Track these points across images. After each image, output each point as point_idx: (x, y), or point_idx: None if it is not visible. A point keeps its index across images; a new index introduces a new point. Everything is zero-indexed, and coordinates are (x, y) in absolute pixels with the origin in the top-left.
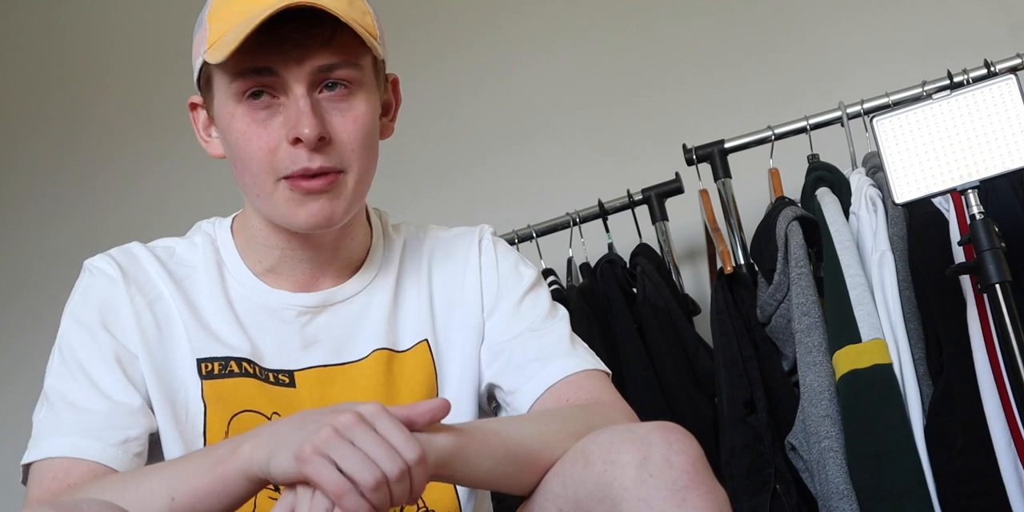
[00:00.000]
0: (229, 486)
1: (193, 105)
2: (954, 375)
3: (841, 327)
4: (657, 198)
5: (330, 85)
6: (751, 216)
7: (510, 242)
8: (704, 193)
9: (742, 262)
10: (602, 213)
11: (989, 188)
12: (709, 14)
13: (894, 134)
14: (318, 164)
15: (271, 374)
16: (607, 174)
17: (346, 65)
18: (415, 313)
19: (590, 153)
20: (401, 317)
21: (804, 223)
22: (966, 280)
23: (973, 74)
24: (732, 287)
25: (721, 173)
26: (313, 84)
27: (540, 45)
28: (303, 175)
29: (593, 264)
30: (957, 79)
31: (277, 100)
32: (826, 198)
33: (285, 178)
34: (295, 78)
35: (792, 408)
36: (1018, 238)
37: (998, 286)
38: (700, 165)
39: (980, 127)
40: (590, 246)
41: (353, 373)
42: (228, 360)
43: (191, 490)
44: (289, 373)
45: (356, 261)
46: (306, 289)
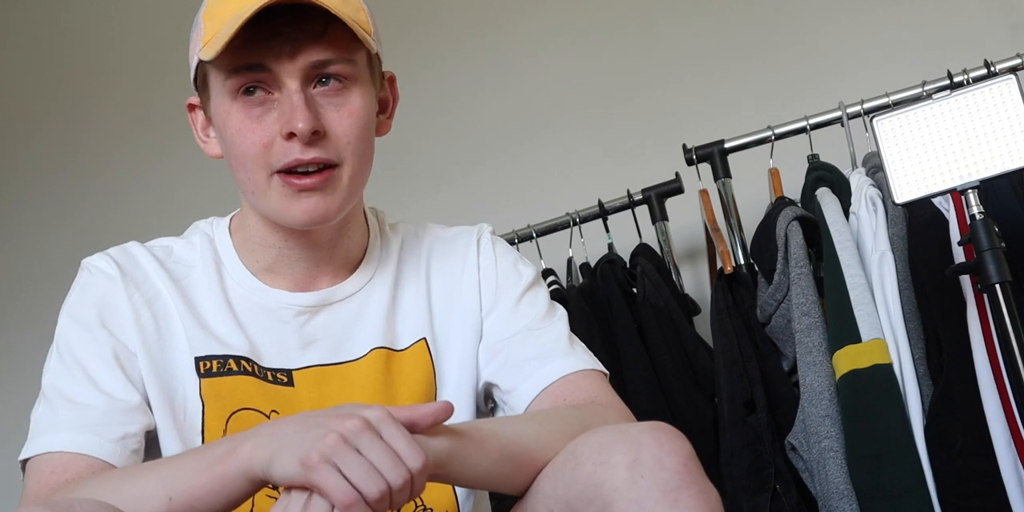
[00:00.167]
0: (228, 486)
1: (191, 106)
2: (954, 375)
3: (841, 327)
4: (657, 198)
5: (324, 80)
6: (751, 216)
7: (510, 242)
8: (704, 193)
9: (742, 262)
10: (602, 213)
11: (989, 188)
12: (709, 14)
13: (894, 134)
14: (311, 156)
15: (269, 373)
16: (607, 174)
17: (339, 60)
18: (413, 312)
19: (590, 153)
20: (399, 316)
21: (804, 223)
22: (966, 280)
23: (973, 74)
24: (732, 287)
25: (721, 173)
26: (307, 79)
27: (540, 45)
28: (296, 171)
29: (593, 264)
30: (957, 79)
31: (271, 96)
32: (826, 198)
33: (279, 173)
34: (288, 74)
35: (792, 408)
36: (1018, 238)
37: (998, 286)
38: (700, 165)
39: (980, 127)
40: (590, 246)
41: (351, 372)
42: (227, 358)
43: (189, 489)
44: (287, 372)
45: (354, 260)
46: (304, 288)
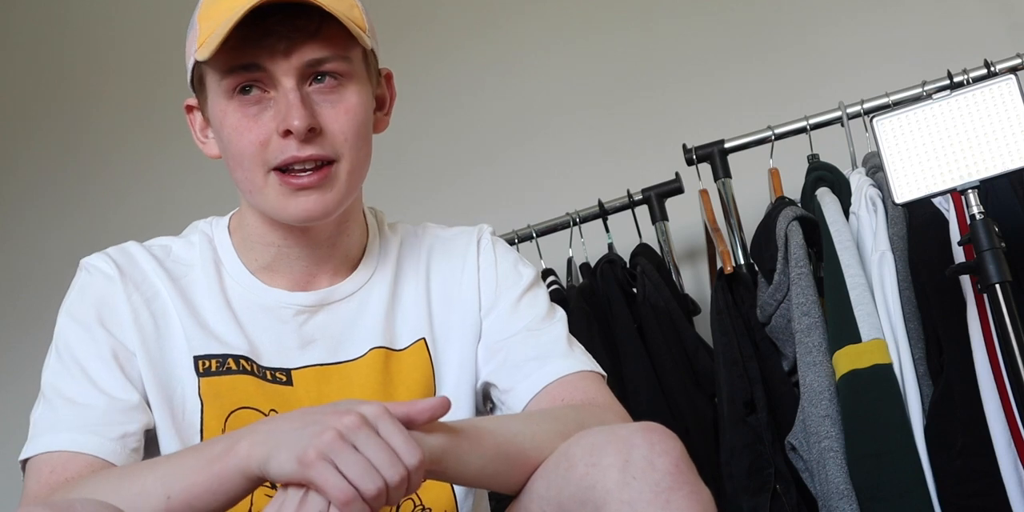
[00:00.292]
0: (226, 484)
1: (189, 107)
2: (954, 375)
3: (841, 327)
4: (657, 198)
5: (319, 78)
6: (751, 216)
7: (510, 242)
8: (704, 193)
9: (742, 262)
10: (602, 213)
11: (989, 188)
12: (709, 14)
13: (894, 134)
14: (308, 153)
15: (268, 372)
16: (607, 174)
17: (335, 58)
18: (413, 311)
19: (590, 153)
20: (399, 315)
21: (804, 223)
22: (966, 280)
23: (973, 74)
24: (732, 287)
25: (721, 173)
26: (302, 77)
27: (540, 45)
28: (293, 169)
29: (593, 264)
30: (957, 79)
31: (267, 95)
32: (826, 198)
33: (276, 170)
34: (283, 72)
35: (792, 408)
36: (1018, 238)
37: (998, 286)
38: (700, 165)
39: (980, 127)
40: (590, 246)
41: (350, 372)
42: (225, 357)
43: (187, 488)
44: (286, 372)
45: (353, 259)
46: (303, 288)
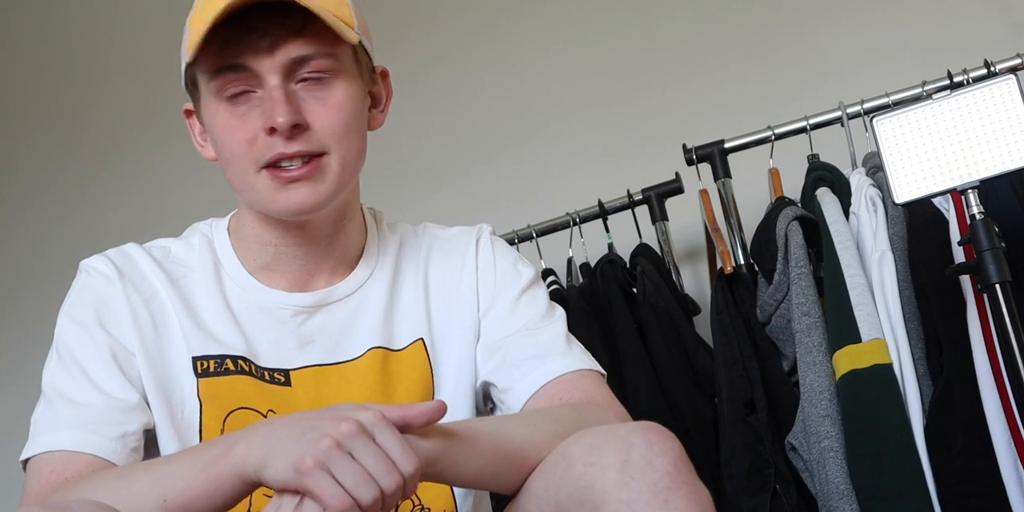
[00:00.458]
0: (222, 487)
1: (188, 112)
2: (954, 375)
3: (841, 327)
4: (657, 198)
5: (306, 75)
6: (751, 216)
7: (510, 242)
8: (704, 193)
9: (742, 262)
10: (602, 213)
11: (989, 188)
12: (709, 14)
13: (894, 134)
14: (295, 149)
15: (267, 373)
16: (607, 174)
17: (320, 55)
18: (412, 312)
19: (590, 153)
20: (397, 315)
21: (804, 223)
22: (966, 280)
23: (973, 74)
24: (732, 287)
25: (721, 173)
26: (288, 74)
27: (540, 45)
28: (281, 165)
29: (593, 264)
30: (957, 79)
31: (255, 94)
32: (826, 198)
33: (266, 167)
34: (268, 70)
35: (792, 408)
36: (1018, 238)
37: (998, 286)
38: (700, 165)
39: (980, 127)
40: (590, 246)
41: (348, 372)
42: (224, 358)
43: (183, 491)
44: (285, 372)
45: (351, 258)
46: (301, 288)
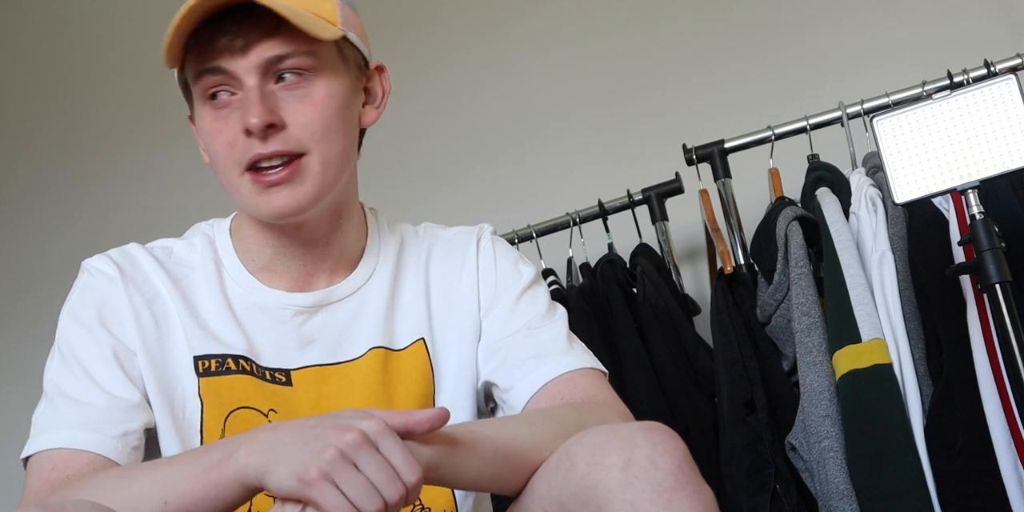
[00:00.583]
0: (223, 492)
1: (190, 118)
2: (954, 375)
3: (841, 327)
4: (657, 198)
5: (284, 74)
6: (751, 216)
7: (510, 242)
8: (704, 193)
9: (742, 262)
10: (602, 213)
11: (989, 188)
12: (709, 14)
13: (894, 134)
14: (271, 149)
15: (268, 372)
16: (607, 174)
17: (297, 53)
18: (412, 311)
19: (590, 153)
20: (398, 315)
21: (804, 223)
22: (966, 280)
23: (973, 74)
24: (732, 287)
25: (721, 173)
26: (264, 75)
27: (540, 45)
28: (261, 167)
29: (593, 264)
30: (957, 79)
31: (236, 96)
32: (826, 198)
33: (248, 171)
34: (245, 71)
35: (792, 408)
36: (1018, 238)
37: (998, 286)
38: (700, 165)
39: (980, 127)
40: (590, 246)
41: (349, 372)
42: (225, 358)
43: (184, 494)
44: (286, 372)
45: (351, 258)
46: (302, 288)
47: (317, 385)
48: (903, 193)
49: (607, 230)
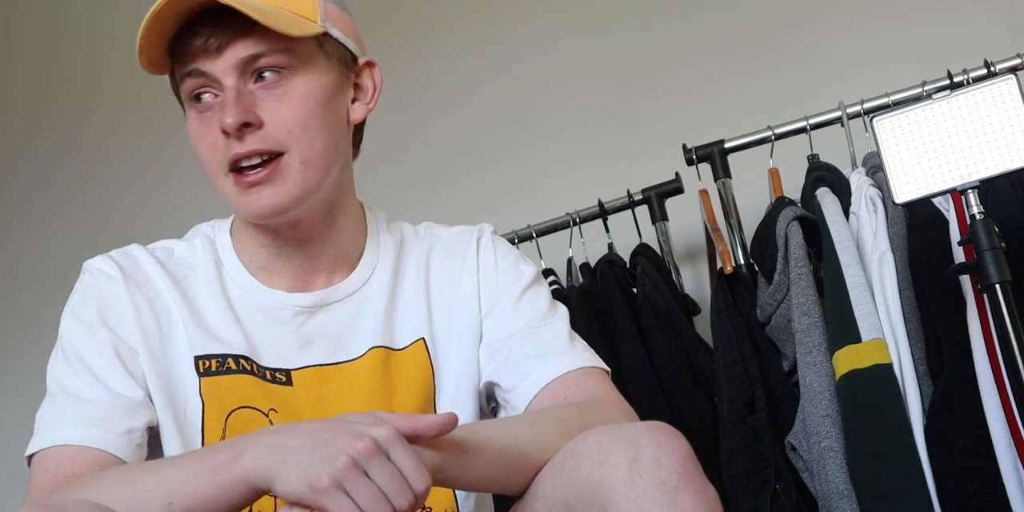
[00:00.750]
0: (228, 493)
1: None
2: (954, 375)
3: (841, 327)
4: (657, 198)
5: (262, 74)
6: (751, 216)
7: (510, 242)
8: (704, 193)
9: (742, 262)
10: (602, 213)
11: (989, 188)
12: (709, 14)
13: (894, 134)
14: (248, 148)
15: (268, 372)
16: (607, 174)
17: (272, 51)
18: (413, 311)
19: (590, 153)
20: (398, 315)
21: (804, 223)
22: (966, 280)
23: (973, 74)
24: (732, 287)
25: (721, 173)
26: (243, 74)
27: (540, 45)
28: (242, 167)
29: (593, 264)
30: (957, 79)
31: (218, 98)
32: (826, 198)
33: (231, 172)
34: (221, 72)
35: (792, 408)
36: (1018, 238)
37: (998, 286)
38: (700, 165)
39: (980, 127)
40: (590, 246)
41: (349, 372)
42: (226, 357)
43: (188, 495)
44: (286, 372)
45: (351, 258)
46: (301, 288)
47: (317, 385)
48: (903, 193)
49: (607, 230)
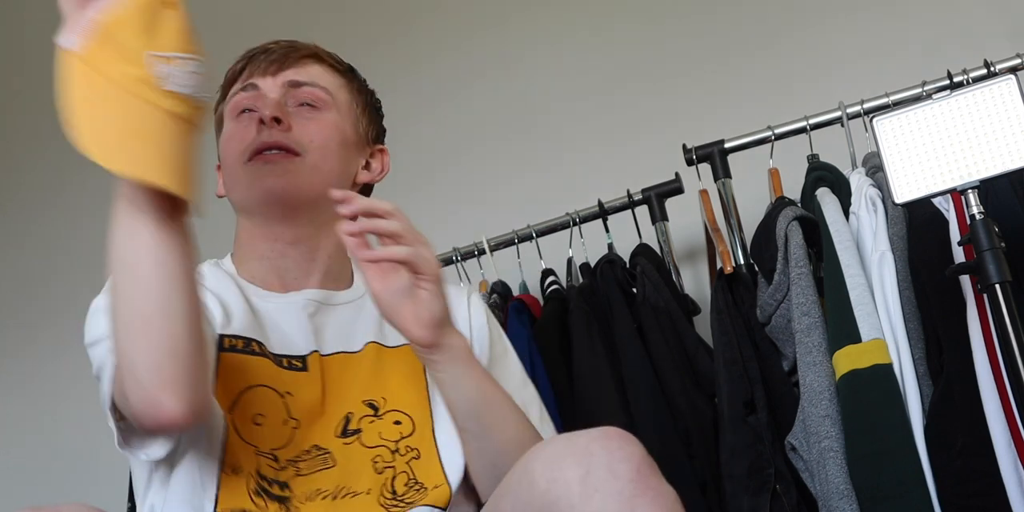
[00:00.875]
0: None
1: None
2: (954, 375)
3: (841, 327)
4: (657, 198)
5: (301, 100)
6: (751, 216)
7: (509, 242)
8: (704, 193)
9: (742, 262)
10: (602, 213)
11: (989, 188)
12: (709, 14)
13: (894, 134)
14: (274, 139)
15: (285, 359)
16: (607, 174)
17: (315, 85)
18: None
19: (590, 153)
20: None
21: (804, 223)
22: (966, 280)
23: (973, 74)
24: (732, 287)
25: (721, 173)
26: (285, 94)
27: (540, 44)
28: (259, 150)
29: (593, 264)
30: (957, 79)
31: (255, 113)
32: (826, 198)
33: (251, 157)
34: (269, 88)
35: (792, 408)
36: (1018, 238)
37: (998, 286)
38: (700, 165)
39: (980, 127)
40: (590, 246)
41: (352, 362)
42: (250, 341)
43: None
44: (301, 358)
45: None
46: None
47: (328, 371)
48: (903, 193)
49: (607, 230)
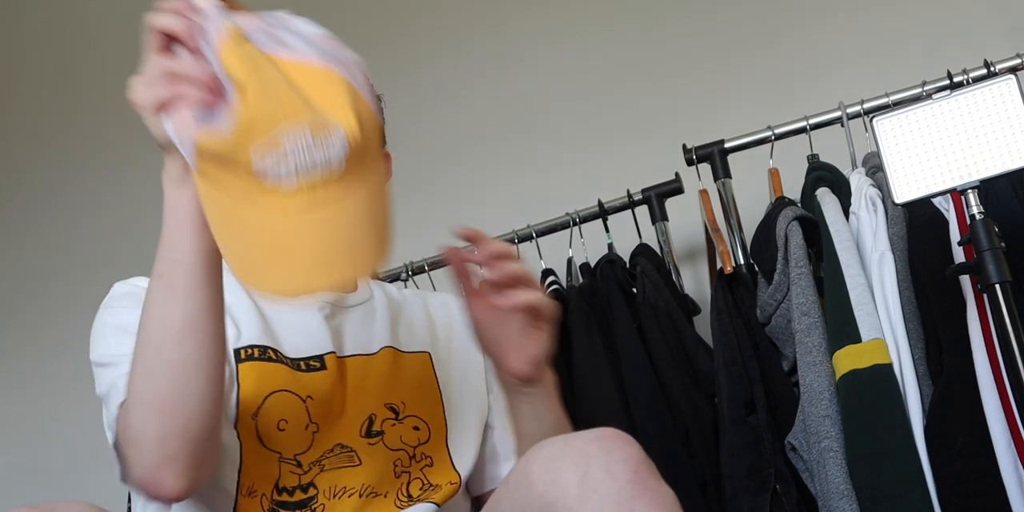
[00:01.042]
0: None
1: None
2: (954, 375)
3: (841, 327)
4: (657, 198)
5: None
6: (751, 216)
7: (509, 242)
8: (704, 193)
9: (742, 262)
10: (602, 213)
11: (989, 188)
12: (709, 14)
13: (894, 134)
14: None
15: (302, 362)
16: (607, 174)
17: None
18: (418, 328)
19: (590, 153)
20: (402, 326)
21: (804, 223)
22: (966, 280)
23: (973, 74)
24: (732, 287)
25: (721, 173)
26: None
27: (540, 44)
28: None
29: (593, 264)
30: (957, 79)
31: None
32: (826, 198)
33: None
34: None
35: (792, 408)
36: (1018, 238)
37: (998, 286)
38: (700, 165)
39: (980, 127)
40: (590, 246)
41: (367, 365)
42: (266, 348)
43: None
44: (319, 358)
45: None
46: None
47: (347, 371)
48: (903, 193)
49: (607, 230)
